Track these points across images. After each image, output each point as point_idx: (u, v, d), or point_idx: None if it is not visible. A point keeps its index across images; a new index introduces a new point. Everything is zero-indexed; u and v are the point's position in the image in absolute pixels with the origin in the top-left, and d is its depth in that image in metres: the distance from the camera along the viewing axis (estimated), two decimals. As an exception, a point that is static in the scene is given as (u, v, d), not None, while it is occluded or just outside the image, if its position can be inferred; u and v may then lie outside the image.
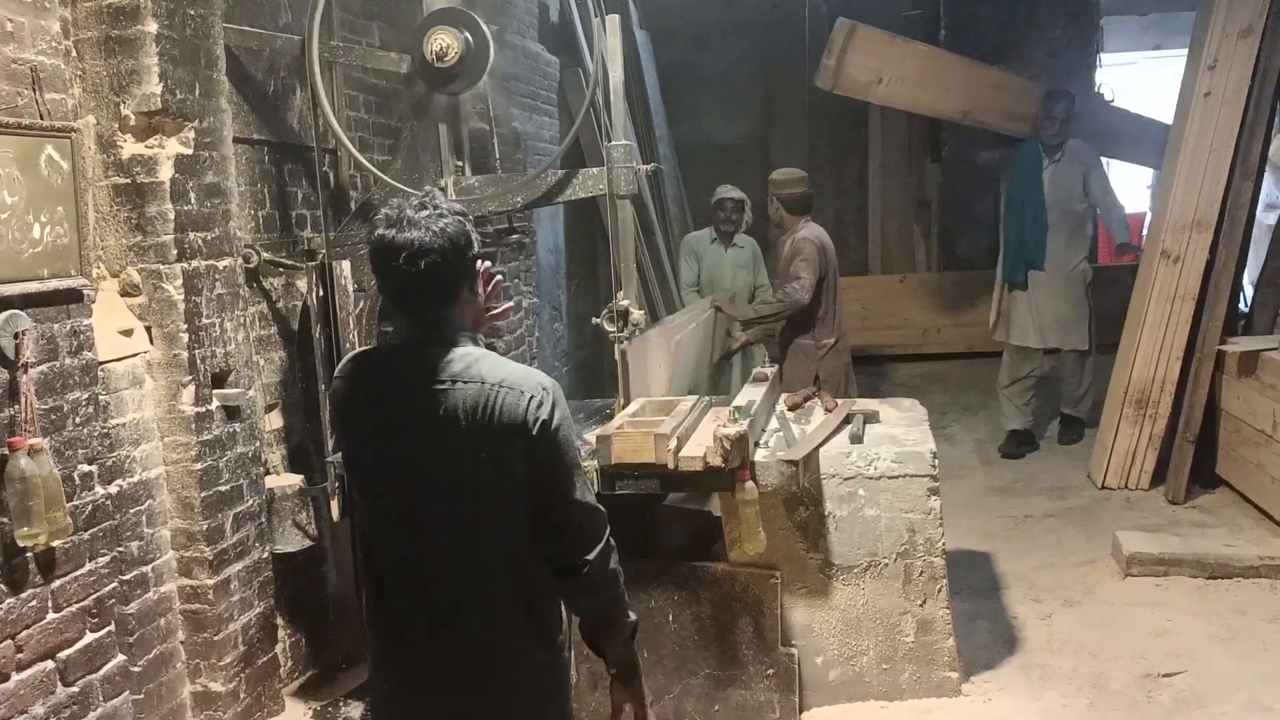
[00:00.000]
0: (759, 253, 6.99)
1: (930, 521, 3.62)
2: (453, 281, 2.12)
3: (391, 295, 2.17)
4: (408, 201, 2.12)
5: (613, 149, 3.74)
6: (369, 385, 2.19)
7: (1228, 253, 5.56)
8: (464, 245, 2.11)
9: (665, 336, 4.60)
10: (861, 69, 7.00)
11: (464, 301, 2.16)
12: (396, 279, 2.10)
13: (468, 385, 2.07)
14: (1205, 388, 5.60)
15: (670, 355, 4.58)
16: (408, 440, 2.11)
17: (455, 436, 2.06)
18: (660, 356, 4.44)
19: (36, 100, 2.60)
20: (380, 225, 2.10)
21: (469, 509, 2.10)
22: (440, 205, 2.11)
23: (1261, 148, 5.50)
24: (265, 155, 3.97)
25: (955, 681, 3.65)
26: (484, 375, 2.08)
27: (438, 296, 2.12)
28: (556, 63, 7.10)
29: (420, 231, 2.05)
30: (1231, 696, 3.63)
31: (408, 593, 2.16)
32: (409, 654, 2.17)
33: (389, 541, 2.18)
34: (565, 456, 2.13)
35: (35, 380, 2.59)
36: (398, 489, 2.14)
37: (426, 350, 2.12)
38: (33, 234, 2.61)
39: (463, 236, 2.10)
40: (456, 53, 3.68)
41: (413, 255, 2.05)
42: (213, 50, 3.38)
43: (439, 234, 2.06)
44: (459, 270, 2.12)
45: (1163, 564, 4.64)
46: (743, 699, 3.58)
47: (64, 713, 2.68)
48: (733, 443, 3.30)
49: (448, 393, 2.07)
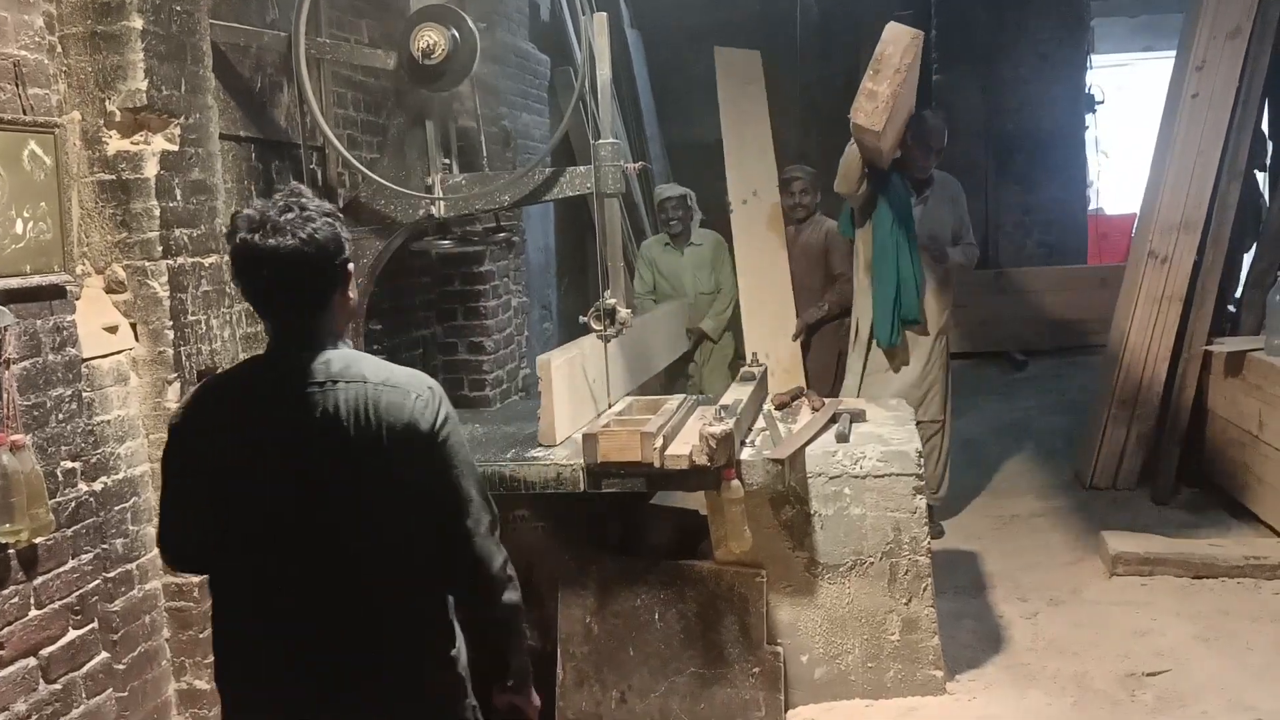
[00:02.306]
0: (722, 247, 6.58)
1: (915, 520, 3.63)
2: (322, 288, 2.00)
3: (255, 302, 2.05)
4: (272, 202, 1.97)
5: (600, 147, 3.74)
6: (223, 405, 2.06)
7: (1214, 253, 5.59)
8: (334, 250, 1.98)
9: (572, 365, 3.99)
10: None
11: (335, 306, 2.04)
12: (261, 286, 1.98)
13: (350, 384, 1.96)
14: (1192, 388, 5.63)
15: (582, 378, 4.07)
16: (278, 452, 1.97)
17: (336, 439, 1.95)
18: (568, 381, 3.93)
19: (19, 95, 2.59)
20: (242, 228, 1.94)
21: (350, 521, 1.98)
22: (308, 207, 1.97)
23: (1249, 149, 5.52)
24: (252, 152, 3.96)
25: (940, 680, 3.66)
26: (366, 374, 1.98)
27: (306, 304, 2.00)
28: (547, 61, 7.10)
29: (285, 237, 1.92)
30: (1215, 696, 3.64)
31: (282, 617, 2.01)
32: (280, 697, 2.02)
33: (255, 569, 2.02)
34: (455, 466, 2.02)
35: (18, 376, 2.58)
36: (269, 507, 1.99)
37: (296, 355, 2.00)
38: (15, 229, 2.61)
39: (333, 241, 1.98)
40: (444, 50, 3.69)
41: (277, 264, 1.92)
42: (199, 46, 3.37)
43: (307, 240, 1.93)
44: (328, 276, 2.00)
45: (1148, 564, 4.66)
46: (728, 697, 3.58)
47: (46, 710, 2.67)
48: (718, 441, 3.31)
49: (326, 393, 1.95)
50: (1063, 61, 9.70)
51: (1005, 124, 9.62)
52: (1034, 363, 8.81)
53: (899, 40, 4.77)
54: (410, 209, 3.92)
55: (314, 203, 1.99)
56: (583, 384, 4.05)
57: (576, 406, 3.96)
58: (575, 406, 3.94)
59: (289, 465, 1.98)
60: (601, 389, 4.17)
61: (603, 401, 4.17)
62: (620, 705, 3.62)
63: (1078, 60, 9.84)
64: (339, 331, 2.07)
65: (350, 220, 3.95)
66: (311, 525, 1.98)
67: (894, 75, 4.65)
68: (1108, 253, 10.79)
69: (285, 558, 2.00)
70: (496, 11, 6.04)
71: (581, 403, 4.03)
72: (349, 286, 2.07)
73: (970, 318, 9.23)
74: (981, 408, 7.24)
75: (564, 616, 3.68)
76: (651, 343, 5.46)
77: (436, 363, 5.79)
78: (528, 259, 6.77)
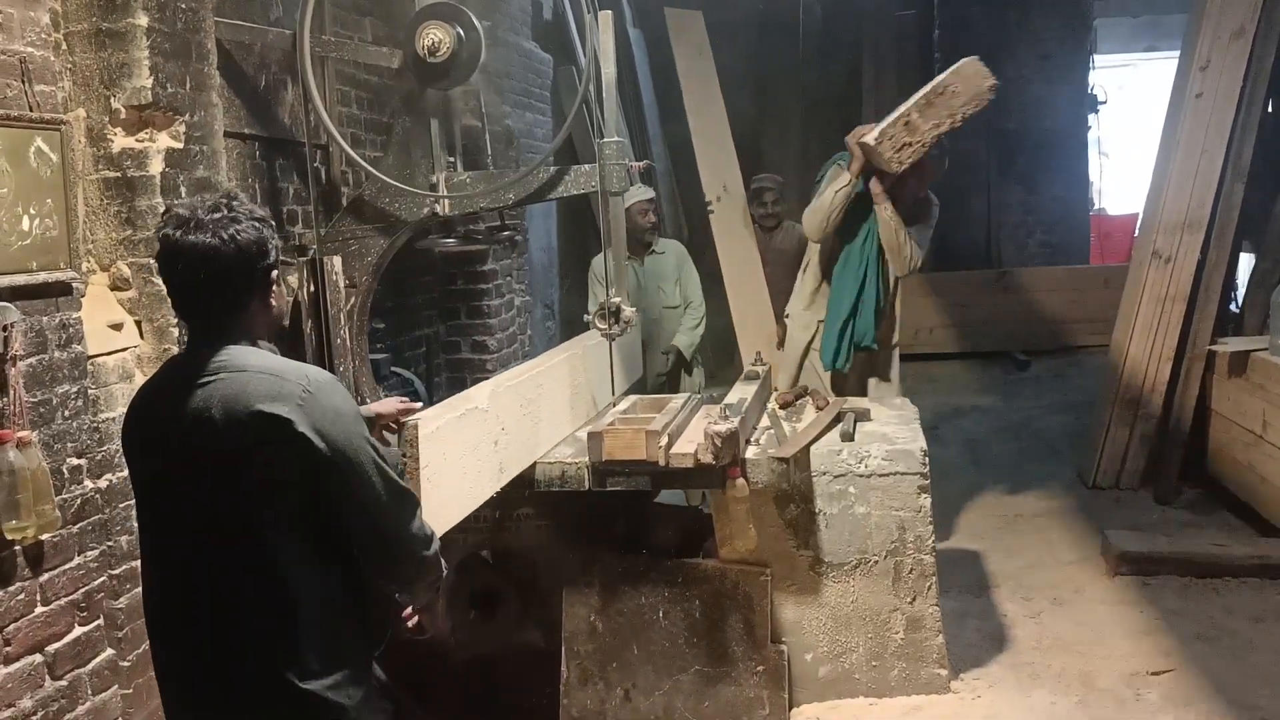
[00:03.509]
0: (686, 258, 5.94)
1: (920, 519, 3.62)
2: (240, 291, 1.98)
3: (175, 300, 2.03)
4: (202, 201, 1.98)
5: (605, 145, 3.74)
6: (144, 402, 2.06)
7: (1218, 253, 5.59)
8: (255, 254, 1.97)
9: (465, 423, 3.00)
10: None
11: (253, 311, 2.02)
12: (179, 283, 1.97)
13: (232, 375, 1.92)
14: (1195, 388, 5.63)
15: (488, 449, 3.16)
16: (166, 452, 1.96)
17: (212, 431, 1.89)
18: (460, 446, 2.96)
19: (25, 92, 2.60)
20: (169, 224, 1.96)
21: (232, 516, 1.93)
22: (237, 209, 1.96)
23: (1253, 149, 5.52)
24: (256, 150, 3.97)
25: (944, 679, 3.66)
26: (249, 364, 1.93)
27: (223, 306, 1.98)
28: (550, 60, 7.10)
29: (207, 235, 1.92)
30: (1219, 695, 3.64)
31: (165, 627, 2.04)
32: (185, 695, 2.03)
33: (154, 577, 2.04)
34: (353, 469, 1.94)
35: (24, 373, 2.58)
36: (163, 498, 2.00)
37: (200, 352, 1.98)
38: (22, 226, 2.61)
39: (255, 245, 1.96)
40: (448, 48, 3.68)
41: (195, 261, 1.92)
42: (204, 44, 3.37)
43: (228, 241, 1.92)
44: (248, 279, 1.98)
45: (1152, 563, 4.65)
46: (732, 695, 3.58)
47: (52, 706, 2.68)
48: (724, 440, 3.31)
49: (212, 385, 1.91)
50: (1065, 61, 9.71)
51: (1007, 123, 9.63)
52: (1036, 363, 8.82)
53: (971, 83, 4.17)
54: (415, 207, 3.92)
55: (245, 206, 1.98)
56: (489, 455, 3.12)
57: (472, 483, 3.03)
58: (470, 483, 3.01)
59: (172, 465, 1.96)
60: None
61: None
62: (624, 703, 3.62)
63: (1080, 60, 9.85)
64: (255, 337, 2.03)
65: (354, 218, 3.96)
66: (186, 530, 1.97)
67: (947, 119, 4.11)
68: (1109, 253, 10.80)
69: (173, 563, 1.99)
70: (499, 10, 6.04)
71: (482, 477, 3.08)
72: (270, 293, 2.04)
73: (972, 318, 9.26)
74: (984, 408, 7.25)
75: (568, 614, 3.67)
76: (592, 380, 4.23)
77: (440, 361, 5.80)
78: (530, 258, 6.78)
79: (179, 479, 1.96)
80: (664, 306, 5.86)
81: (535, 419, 3.54)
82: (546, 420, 3.63)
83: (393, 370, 4.90)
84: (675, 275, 5.87)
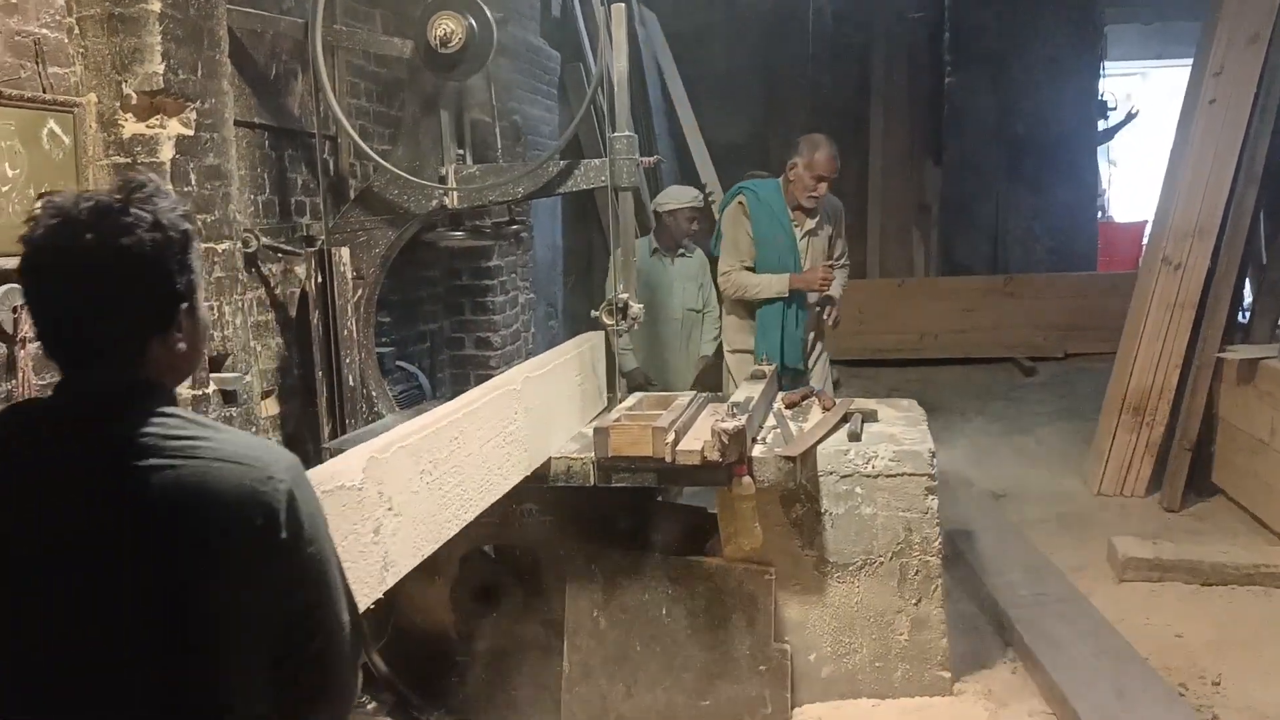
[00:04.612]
0: (708, 265, 5.83)
1: (927, 521, 3.61)
2: (141, 322, 1.38)
3: (41, 332, 1.40)
4: (81, 195, 1.36)
5: (615, 140, 3.72)
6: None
7: (1229, 260, 5.56)
8: (165, 271, 1.37)
9: (415, 454, 2.64)
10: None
11: (156, 352, 1.40)
12: (47, 308, 1.38)
13: (181, 461, 1.34)
14: (1203, 395, 5.60)
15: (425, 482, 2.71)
16: (65, 552, 1.33)
17: (155, 536, 1.34)
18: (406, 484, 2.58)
19: (39, 73, 2.59)
20: (41, 221, 1.35)
21: (165, 650, 1.35)
22: (140, 205, 1.36)
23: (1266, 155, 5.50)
24: (265, 140, 3.96)
25: (948, 681, 3.64)
26: (200, 446, 1.36)
27: (111, 344, 1.37)
28: (557, 57, 7.09)
29: (95, 239, 1.33)
30: (1224, 701, 3.62)
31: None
32: None
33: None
34: (319, 582, 1.44)
35: (33, 355, 2.57)
36: (46, 628, 1.35)
37: (88, 417, 1.37)
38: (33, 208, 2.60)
39: (163, 256, 1.37)
40: (460, 38, 3.67)
41: (76, 276, 1.34)
42: (216, 31, 3.36)
43: (127, 248, 1.33)
44: (154, 304, 1.39)
45: (1157, 570, 4.63)
46: (734, 694, 3.57)
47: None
48: (730, 437, 3.30)
49: (147, 472, 1.33)
50: (1075, 66, 9.71)
51: (1016, 127, 9.63)
52: (1043, 369, 8.81)
53: None
54: (423, 199, 3.91)
55: (159, 196, 1.39)
56: (369, 545, 2.41)
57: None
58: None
59: (80, 568, 1.34)
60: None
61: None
62: (626, 699, 3.61)
63: (1091, 65, 9.84)
64: (162, 385, 1.43)
65: (363, 210, 3.95)
66: (100, 659, 1.35)
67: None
68: (1116, 261, 10.79)
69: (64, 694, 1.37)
70: (508, 5, 6.04)
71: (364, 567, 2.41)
72: (183, 326, 1.43)
73: (978, 323, 9.25)
74: (990, 413, 7.23)
75: (571, 610, 3.66)
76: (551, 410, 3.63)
77: (444, 357, 5.78)
78: (535, 256, 6.76)
79: (69, 580, 1.34)
80: (687, 308, 5.92)
81: (440, 491, 2.76)
82: (453, 498, 2.82)
83: (398, 364, 4.89)
84: (699, 278, 5.91)
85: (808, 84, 9.94)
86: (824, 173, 4.94)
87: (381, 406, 3.96)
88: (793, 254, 5.01)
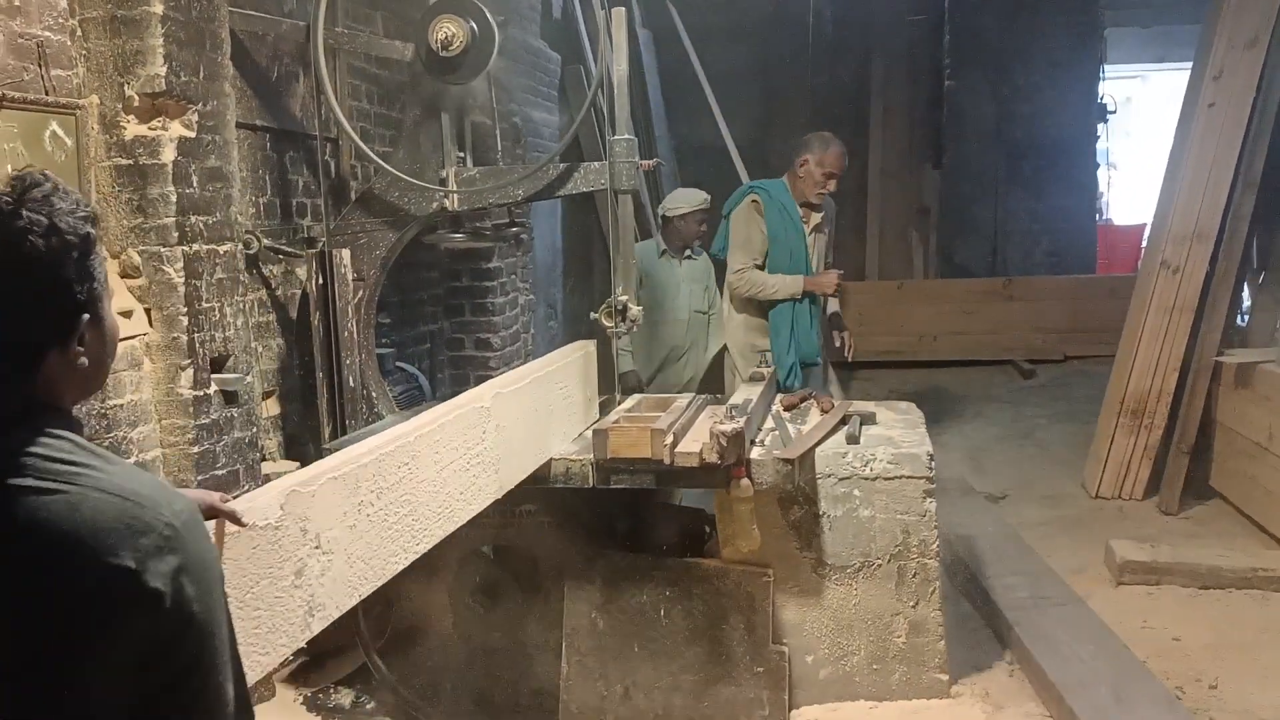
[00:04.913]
0: (710, 265, 5.92)
1: (925, 523, 3.62)
2: (34, 331, 1.26)
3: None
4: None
5: (615, 143, 3.74)
6: None
7: (1227, 264, 5.57)
8: (62, 279, 1.25)
9: (352, 484, 2.33)
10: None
11: (54, 368, 1.27)
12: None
13: (53, 490, 1.19)
14: (1201, 399, 5.60)
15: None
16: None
17: (3, 562, 1.19)
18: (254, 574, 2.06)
19: (42, 76, 2.60)
20: None
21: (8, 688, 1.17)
22: (30, 210, 1.22)
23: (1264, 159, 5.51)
24: (267, 142, 3.97)
25: (945, 683, 3.65)
26: (78, 475, 1.21)
27: (3, 354, 1.25)
28: (558, 59, 7.11)
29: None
30: (1220, 705, 3.63)
31: None
32: None
33: None
34: (191, 641, 1.23)
35: None
36: None
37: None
38: None
39: (64, 256, 1.24)
40: (462, 42, 3.69)
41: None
42: (217, 33, 3.38)
43: (7, 260, 1.21)
44: (50, 315, 1.26)
45: (1155, 573, 4.64)
46: (732, 695, 3.57)
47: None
48: (729, 439, 3.30)
49: (10, 494, 1.19)
50: (1075, 69, 9.71)
51: (1016, 129, 9.64)
52: (1041, 371, 8.81)
53: None
54: (424, 201, 3.92)
55: (56, 196, 1.25)
56: (288, 590, 2.10)
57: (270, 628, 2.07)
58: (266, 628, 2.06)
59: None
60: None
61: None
62: (624, 700, 3.62)
63: (1090, 69, 9.85)
64: (58, 405, 1.29)
65: (363, 212, 3.97)
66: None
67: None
68: (1115, 264, 10.80)
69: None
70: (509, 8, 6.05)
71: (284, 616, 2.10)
72: (88, 337, 1.29)
73: (977, 325, 9.26)
74: (989, 416, 7.24)
75: (569, 611, 3.67)
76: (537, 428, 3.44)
77: (444, 358, 5.80)
78: (535, 257, 6.78)
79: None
80: (694, 310, 5.90)
81: (384, 524, 2.45)
82: (401, 529, 2.53)
83: (397, 365, 4.90)
84: (706, 281, 5.93)
85: (807, 86, 9.95)
86: (834, 169, 5.00)
87: (381, 407, 3.98)
88: (803, 250, 5.09)
